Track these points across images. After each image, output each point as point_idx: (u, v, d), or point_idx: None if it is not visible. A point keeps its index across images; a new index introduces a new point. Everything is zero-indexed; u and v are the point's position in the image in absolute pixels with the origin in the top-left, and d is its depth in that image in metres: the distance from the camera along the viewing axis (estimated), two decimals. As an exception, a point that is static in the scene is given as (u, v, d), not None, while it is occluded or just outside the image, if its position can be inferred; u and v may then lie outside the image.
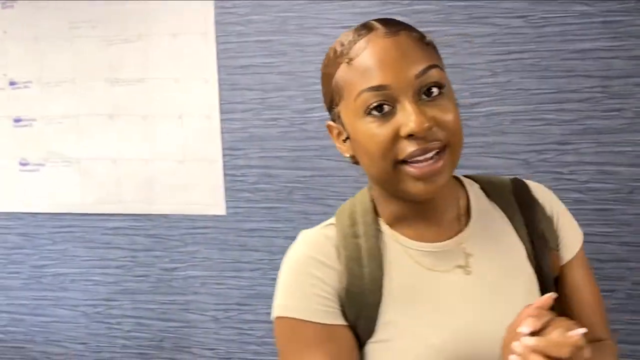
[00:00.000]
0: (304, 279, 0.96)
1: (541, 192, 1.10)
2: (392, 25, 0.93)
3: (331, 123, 1.02)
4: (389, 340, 0.95)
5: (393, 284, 0.96)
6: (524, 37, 1.78)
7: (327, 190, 1.94)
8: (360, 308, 0.95)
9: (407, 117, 0.87)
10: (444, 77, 0.92)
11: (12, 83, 2.15)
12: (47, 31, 2.09)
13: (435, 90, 0.90)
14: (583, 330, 0.80)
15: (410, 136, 0.88)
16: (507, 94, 1.81)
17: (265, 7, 1.91)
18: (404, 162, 0.90)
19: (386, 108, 0.89)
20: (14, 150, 2.18)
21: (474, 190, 1.07)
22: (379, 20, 0.95)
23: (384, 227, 1.01)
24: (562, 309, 1.11)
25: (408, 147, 0.88)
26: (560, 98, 1.79)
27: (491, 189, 1.08)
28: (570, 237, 1.09)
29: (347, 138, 0.97)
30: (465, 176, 1.10)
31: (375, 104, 0.89)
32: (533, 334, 0.81)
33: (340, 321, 0.96)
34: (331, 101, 0.98)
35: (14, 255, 2.25)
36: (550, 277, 1.05)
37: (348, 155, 1.00)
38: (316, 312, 0.95)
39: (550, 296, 0.85)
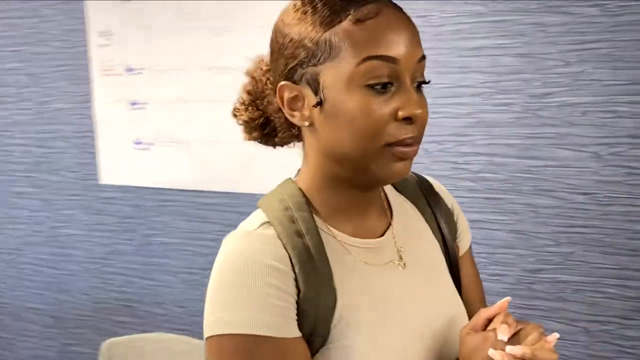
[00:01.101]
0: (259, 288, 0.83)
1: (440, 187, 1.11)
2: (394, 3, 0.88)
3: (287, 83, 0.89)
4: (347, 345, 0.87)
5: (342, 283, 0.90)
6: (598, 27, 1.74)
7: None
8: (316, 313, 0.86)
9: (408, 100, 0.83)
10: None
11: (129, 69, 2.40)
12: (159, 23, 2.32)
13: (421, 83, 0.87)
14: (556, 334, 0.82)
15: (406, 119, 0.84)
16: (580, 85, 1.77)
17: None
18: (390, 145, 0.85)
19: (386, 85, 0.83)
20: (130, 130, 2.44)
21: (387, 186, 1.05)
22: None
23: (319, 223, 0.93)
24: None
25: (402, 132, 0.84)
26: (634, 90, 1.73)
27: (400, 183, 1.07)
28: (465, 231, 1.12)
29: (319, 104, 0.86)
30: None
31: (377, 80, 0.83)
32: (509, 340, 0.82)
33: (296, 333, 0.85)
34: (306, 58, 0.86)
35: (126, 223, 2.51)
36: (458, 268, 1.06)
37: (305, 124, 0.90)
38: (276, 326, 0.83)
39: (507, 300, 0.87)
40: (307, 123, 0.89)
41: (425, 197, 1.07)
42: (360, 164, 0.86)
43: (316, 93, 0.86)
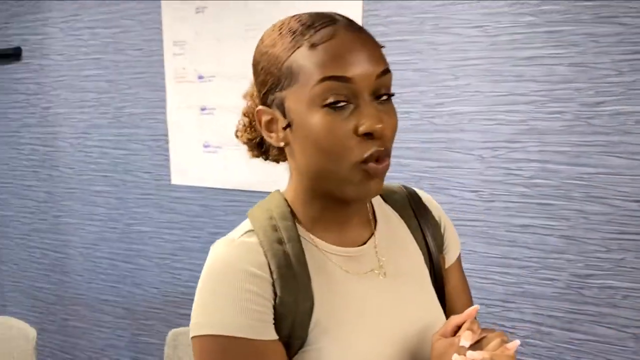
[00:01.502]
0: (237, 293, 0.88)
1: (428, 199, 1.15)
2: (352, 21, 0.93)
3: (263, 108, 0.95)
4: (322, 348, 0.92)
5: (320, 289, 0.94)
6: (652, 37, 1.77)
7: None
8: (294, 317, 0.91)
9: (366, 116, 0.87)
10: (391, 83, 0.93)
11: (200, 77, 2.55)
12: (228, 32, 2.46)
13: (385, 96, 0.91)
14: (517, 341, 0.87)
15: (367, 135, 0.87)
16: (633, 94, 1.80)
17: (406, 9, 2.08)
18: (362, 162, 0.89)
19: (344, 103, 0.87)
20: (200, 134, 2.58)
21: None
22: (337, 14, 0.94)
23: (302, 232, 0.98)
24: (446, 307, 1.13)
25: (366, 148, 0.88)
26: (688, 98, 1.75)
27: (387, 193, 1.11)
28: (453, 243, 1.15)
29: (288, 126, 0.92)
30: None
31: (332, 99, 0.87)
32: (471, 346, 0.87)
33: (273, 335, 0.91)
34: (274, 84, 0.92)
35: (195, 222, 2.65)
36: (442, 278, 1.10)
37: (281, 144, 0.96)
38: (250, 328, 0.88)
39: (475, 308, 0.92)
40: (282, 143, 0.95)
41: (412, 209, 1.11)
42: (334, 184, 0.91)
43: (285, 116, 0.92)
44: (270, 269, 0.91)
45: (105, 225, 2.90)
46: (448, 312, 1.11)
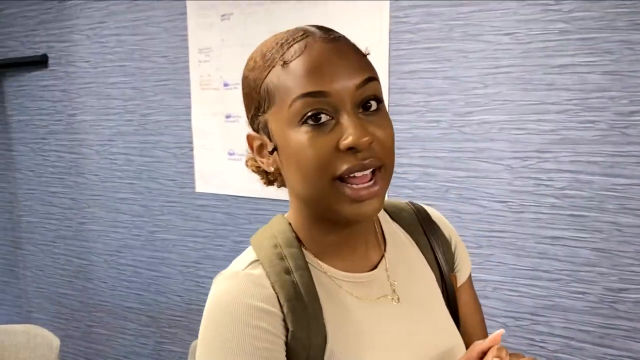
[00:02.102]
0: (245, 331, 0.83)
1: (438, 216, 1.10)
2: (329, 31, 0.89)
3: (252, 133, 0.94)
4: None
5: (333, 320, 0.89)
6: (689, 44, 1.72)
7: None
8: (307, 352, 0.86)
9: (348, 129, 0.82)
10: (381, 91, 0.87)
11: (225, 84, 2.54)
12: (253, 39, 2.43)
13: (373, 104, 0.85)
14: None
15: (350, 149, 0.82)
16: (669, 103, 1.76)
17: (434, 16, 2.05)
18: (341, 179, 0.84)
19: (323, 118, 0.83)
20: (225, 141, 2.57)
21: (382, 214, 1.04)
22: (314, 25, 0.90)
23: (310, 258, 0.93)
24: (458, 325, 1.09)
25: (345, 162, 0.82)
26: None
27: (394, 211, 1.07)
28: (465, 261, 1.11)
29: (274, 150, 0.89)
30: None
31: (311, 113, 0.83)
32: None
33: None
34: (256, 108, 0.90)
35: (220, 230, 2.64)
36: (455, 298, 1.05)
37: (272, 169, 0.93)
38: None
39: (500, 332, 0.86)
40: (271, 168, 0.92)
41: (422, 226, 1.06)
42: (320, 203, 0.86)
43: (270, 140, 0.89)
44: (279, 302, 0.86)
45: (129, 232, 2.90)
46: (462, 331, 1.07)
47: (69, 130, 3.01)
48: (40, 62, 3.03)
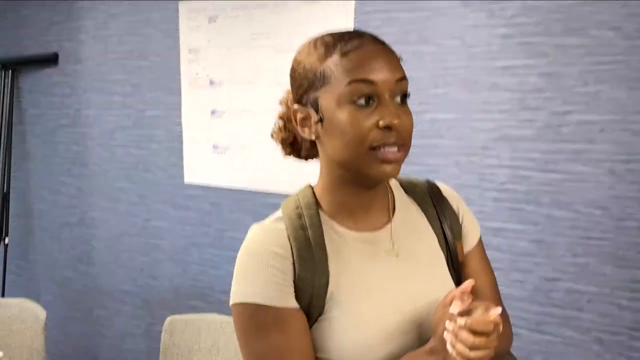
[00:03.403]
0: (262, 268, 1.07)
1: (449, 192, 1.28)
2: (376, 36, 1.10)
3: (297, 107, 1.12)
4: (337, 317, 1.08)
5: (336, 267, 1.10)
6: (615, 49, 1.83)
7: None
8: (312, 290, 1.08)
9: (388, 112, 1.03)
10: (408, 88, 1.08)
11: (211, 82, 2.72)
12: (236, 41, 2.62)
13: (403, 98, 1.07)
14: (499, 309, 0.97)
15: (386, 128, 1.03)
16: (597, 104, 1.87)
17: (393, 20, 2.19)
18: (373, 149, 1.03)
19: (371, 102, 1.03)
20: (210, 136, 2.75)
21: (397, 188, 1.24)
22: (363, 31, 1.11)
23: (325, 218, 1.15)
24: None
25: (383, 137, 1.03)
26: (649, 109, 1.81)
27: (409, 187, 1.25)
28: (471, 231, 1.26)
29: (320, 121, 1.08)
30: None
31: (360, 95, 1.03)
32: (461, 314, 0.98)
33: (294, 304, 1.08)
34: (309, 85, 1.09)
35: (204, 219, 2.82)
36: (458, 262, 1.22)
37: (312, 137, 1.11)
38: (273, 298, 1.07)
39: (470, 282, 1.04)
40: (313, 137, 1.12)
41: (432, 199, 1.24)
42: (354, 166, 1.06)
43: (317, 112, 1.09)
44: (292, 250, 1.09)
45: (126, 220, 3.10)
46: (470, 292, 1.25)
47: (75, 123, 3.22)
48: (51, 59, 3.25)
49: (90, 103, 3.15)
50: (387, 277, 1.13)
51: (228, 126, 2.69)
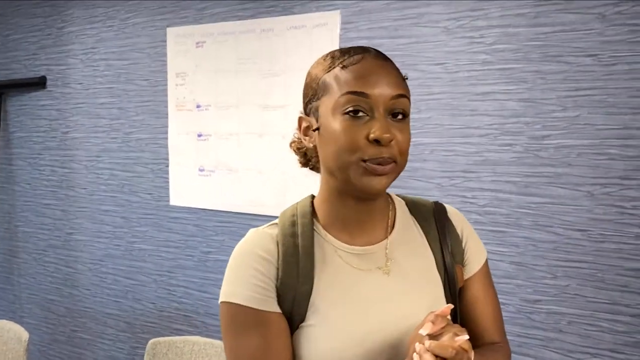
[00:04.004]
0: (246, 270, 1.11)
1: (455, 215, 1.26)
2: (382, 53, 1.13)
3: (303, 116, 1.16)
4: (315, 325, 1.09)
5: (322, 277, 1.11)
6: (592, 75, 1.89)
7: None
8: (294, 296, 1.09)
9: (377, 126, 1.04)
10: (409, 108, 1.10)
11: (198, 106, 2.75)
12: (223, 65, 2.65)
13: (400, 115, 1.07)
14: (466, 336, 0.96)
15: (375, 142, 1.04)
16: (576, 128, 1.91)
17: (376, 46, 2.24)
18: (364, 161, 1.05)
19: (360, 113, 1.05)
20: (196, 158, 2.77)
21: (401, 207, 1.23)
22: (371, 47, 1.14)
23: (319, 229, 1.16)
24: (465, 314, 1.24)
25: (373, 151, 1.04)
26: (625, 134, 1.85)
27: (414, 207, 1.24)
28: (475, 256, 1.24)
29: (317, 129, 1.11)
30: (397, 195, 1.26)
31: (352, 107, 1.05)
32: (432, 337, 0.98)
33: (275, 309, 1.09)
34: (313, 95, 1.12)
35: (189, 241, 2.83)
36: (455, 286, 1.20)
37: (311, 146, 1.14)
38: (253, 299, 1.09)
39: (448, 307, 1.02)
40: (311, 145, 1.14)
41: (435, 220, 1.23)
42: (343, 176, 1.08)
43: (317, 121, 1.12)
44: (278, 255, 1.11)
45: (111, 242, 3.10)
46: (468, 320, 1.23)
47: (62, 146, 3.24)
48: (39, 83, 3.28)
49: (78, 126, 3.16)
50: (374, 294, 1.12)
51: (214, 149, 2.71)
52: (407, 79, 1.12)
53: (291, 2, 2.46)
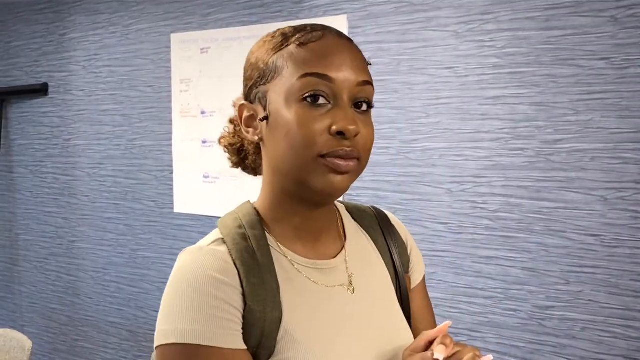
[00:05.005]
0: (204, 300, 0.87)
1: (396, 221, 1.16)
2: (343, 33, 0.97)
3: (245, 103, 0.97)
4: (287, 357, 0.90)
5: (288, 299, 0.93)
6: (605, 78, 1.87)
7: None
8: (263, 326, 0.90)
9: (343, 116, 0.88)
10: (373, 97, 0.94)
11: (202, 112, 2.73)
12: (227, 71, 2.63)
13: (365, 106, 0.92)
14: (491, 357, 0.86)
15: (338, 134, 0.88)
16: (589, 132, 1.89)
17: (384, 51, 2.22)
18: (322, 157, 0.89)
19: (321, 100, 0.89)
20: (201, 165, 2.75)
21: (344, 213, 1.10)
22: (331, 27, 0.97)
23: (272, 241, 0.97)
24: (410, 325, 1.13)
25: (334, 144, 0.88)
26: (639, 138, 1.83)
27: (356, 213, 1.11)
28: (419, 265, 1.16)
29: (265, 118, 0.93)
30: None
31: (312, 92, 0.88)
32: None
33: (240, 345, 0.88)
34: (259, 78, 0.95)
35: (194, 249, 2.79)
36: (408, 298, 1.09)
37: (255, 139, 0.96)
38: (219, 337, 0.86)
39: (447, 324, 0.91)
40: (256, 137, 0.96)
41: (381, 228, 1.11)
42: (298, 175, 0.91)
43: (265, 109, 0.93)
44: (240, 278, 0.90)
45: (114, 250, 3.07)
46: (413, 331, 1.10)
47: (64, 154, 3.21)
48: (41, 90, 3.25)
49: (80, 133, 3.14)
50: (347, 316, 0.98)
51: (219, 156, 2.68)
52: (370, 64, 0.97)
53: (297, 7, 2.44)
